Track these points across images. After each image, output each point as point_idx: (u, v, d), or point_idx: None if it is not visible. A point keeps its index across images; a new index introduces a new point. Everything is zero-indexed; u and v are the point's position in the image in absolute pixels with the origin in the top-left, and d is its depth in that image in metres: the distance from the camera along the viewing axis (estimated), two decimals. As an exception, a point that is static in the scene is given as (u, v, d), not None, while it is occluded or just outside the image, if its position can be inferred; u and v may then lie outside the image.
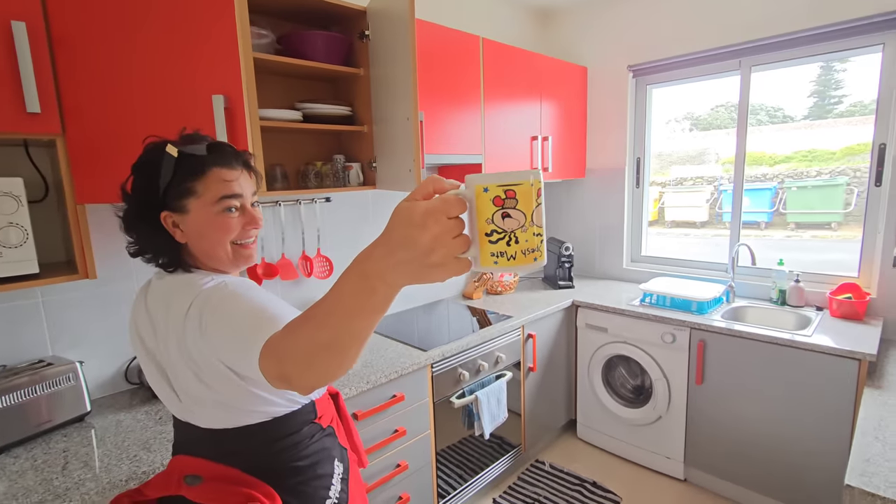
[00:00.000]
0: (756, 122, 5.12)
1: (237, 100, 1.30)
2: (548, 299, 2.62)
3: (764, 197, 5.72)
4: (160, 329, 0.85)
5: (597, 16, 2.92)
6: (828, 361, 1.86)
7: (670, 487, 2.32)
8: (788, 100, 3.49)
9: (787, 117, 4.33)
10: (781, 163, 5.88)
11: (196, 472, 0.86)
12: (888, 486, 1.15)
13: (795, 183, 5.40)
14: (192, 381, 0.84)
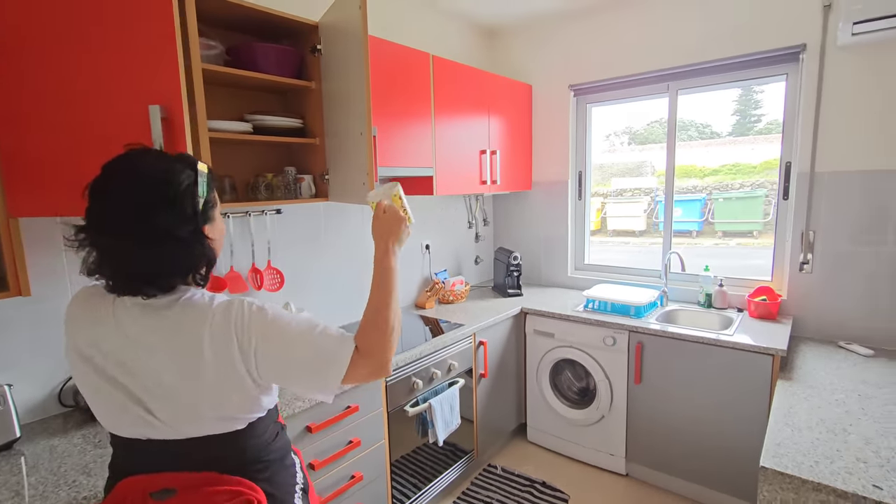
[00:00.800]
0: (687, 137, 5.52)
1: (176, 110, 1.25)
2: (498, 307, 2.71)
3: (695, 207, 6.16)
4: (159, 355, 0.85)
5: (541, 38, 3.09)
6: (747, 357, 2.06)
7: (614, 483, 2.46)
8: (715, 118, 3.82)
9: (714, 133, 4.72)
10: (710, 175, 6.38)
11: (165, 486, 0.85)
12: (795, 465, 1.30)
13: (722, 194, 5.87)
14: (211, 398, 0.86)
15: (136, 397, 0.85)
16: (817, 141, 2.25)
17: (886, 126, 2.09)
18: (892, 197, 2.10)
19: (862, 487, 1.20)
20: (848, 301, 2.24)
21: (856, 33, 2.00)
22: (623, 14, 2.74)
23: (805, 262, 2.34)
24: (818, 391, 1.74)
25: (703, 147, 6.29)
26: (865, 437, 1.43)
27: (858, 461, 1.31)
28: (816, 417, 1.55)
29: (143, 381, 0.85)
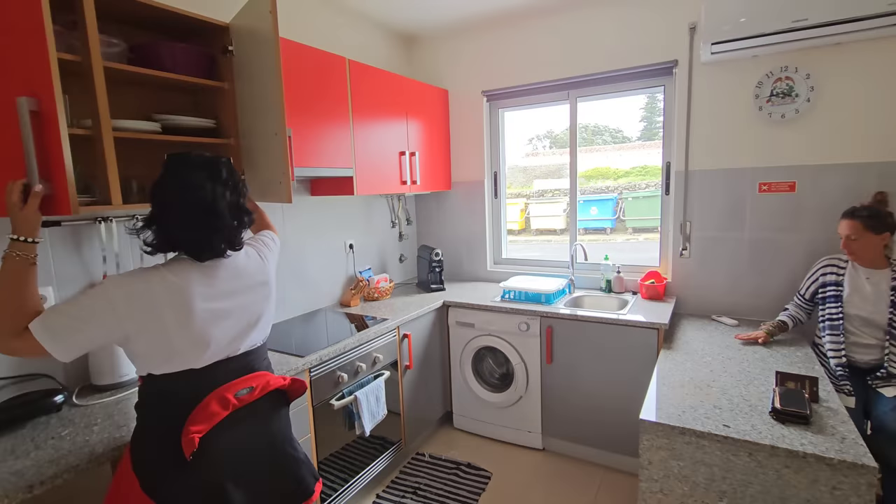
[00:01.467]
0: (602, 141, 5.98)
1: (48, 104, 1.18)
2: (421, 302, 2.83)
3: (608, 206, 6.70)
4: (253, 288, 1.31)
5: (457, 46, 3.26)
6: (638, 332, 2.34)
7: (532, 457, 2.67)
8: (626, 123, 4.20)
9: (625, 138, 5.17)
10: (623, 177, 6.96)
11: (247, 385, 1.23)
12: (667, 416, 1.54)
13: (631, 194, 6.43)
14: (270, 315, 1.39)
15: (247, 323, 1.27)
16: (689, 143, 2.61)
17: (736, 131, 2.48)
18: (744, 191, 2.50)
19: (715, 427, 1.45)
20: (717, 280, 2.62)
21: (714, 52, 2.36)
22: (528, 27, 2.98)
23: (684, 248, 2.70)
24: (691, 356, 2.04)
25: (616, 151, 6.84)
26: (723, 390, 1.71)
27: (715, 408, 1.58)
28: (688, 377, 1.83)
29: (249, 308, 1.27)
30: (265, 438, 1.27)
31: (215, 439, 1.13)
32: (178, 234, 1.16)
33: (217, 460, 1.15)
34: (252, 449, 1.23)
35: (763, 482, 1.38)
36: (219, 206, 1.16)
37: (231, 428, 1.17)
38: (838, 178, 2.29)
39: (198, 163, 1.19)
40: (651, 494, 1.55)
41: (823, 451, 1.31)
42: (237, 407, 1.18)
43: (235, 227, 1.22)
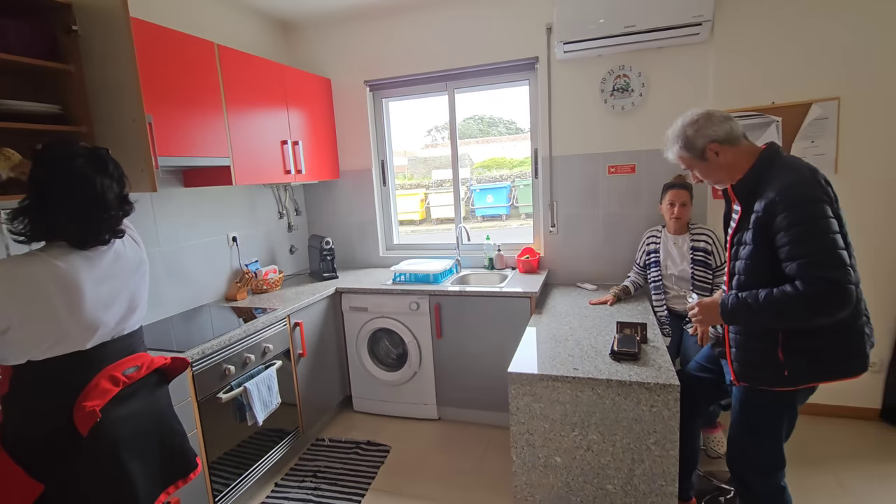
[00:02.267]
0: (497, 132, 6.28)
1: None
2: (313, 290, 2.84)
3: (503, 194, 7.09)
4: (135, 274, 1.39)
5: (338, 35, 3.27)
6: (515, 302, 2.60)
7: (428, 427, 2.84)
8: (518, 114, 4.48)
9: (518, 129, 5.50)
10: (518, 166, 7.39)
11: (133, 364, 1.33)
12: (529, 366, 1.78)
13: (523, 182, 6.87)
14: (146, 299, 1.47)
15: (129, 305, 1.34)
16: (552, 132, 2.92)
17: (588, 120, 2.84)
18: (597, 173, 2.88)
19: (567, 371, 1.71)
20: (580, 252, 2.99)
21: (566, 51, 2.67)
22: (407, 19, 3.09)
23: (553, 225, 3.03)
24: (556, 317, 2.34)
25: (511, 141, 7.25)
26: (577, 341, 2.00)
27: (569, 356, 1.85)
28: (550, 334, 2.11)
29: (132, 291, 1.35)
30: (153, 413, 1.37)
31: (110, 414, 1.20)
32: (63, 224, 1.19)
33: (113, 434, 1.21)
34: (143, 423, 1.32)
35: (602, 410, 1.66)
36: (107, 198, 1.24)
37: (123, 403, 1.25)
38: (664, 160, 2.72)
39: (82, 154, 1.22)
40: (520, 436, 1.78)
41: (644, 379, 1.62)
42: (127, 384, 1.27)
43: (120, 216, 1.30)
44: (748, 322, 1.39)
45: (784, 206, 1.27)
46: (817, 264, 1.22)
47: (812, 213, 1.25)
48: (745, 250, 1.40)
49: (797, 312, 1.26)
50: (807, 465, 2.25)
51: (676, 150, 1.58)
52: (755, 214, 1.35)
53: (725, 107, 2.56)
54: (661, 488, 1.66)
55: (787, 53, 2.44)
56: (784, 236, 1.27)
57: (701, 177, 1.57)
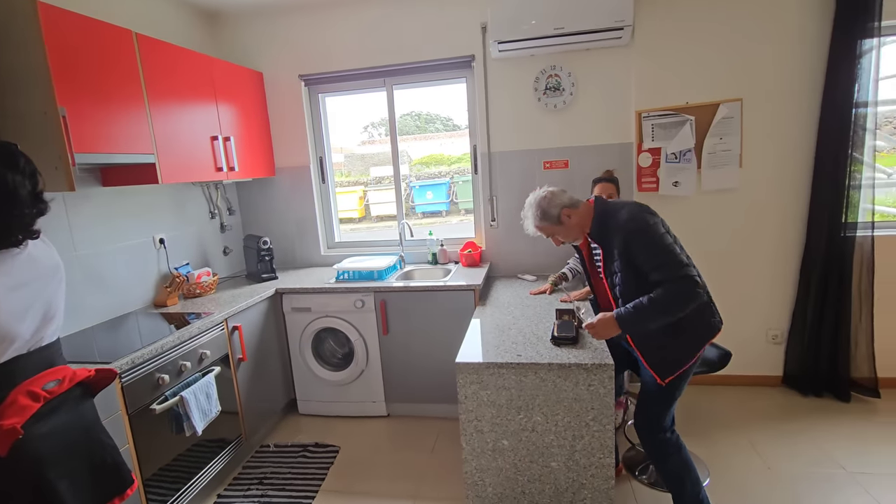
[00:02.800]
0: (433, 129, 6.29)
1: None
2: (251, 293, 2.74)
3: (443, 190, 7.16)
4: (52, 280, 1.30)
5: (270, 27, 3.14)
6: (460, 295, 2.66)
7: (377, 424, 2.84)
8: (455, 112, 4.50)
9: (455, 126, 5.54)
10: (456, 162, 7.48)
11: (54, 378, 1.25)
12: (476, 356, 1.83)
13: (462, 178, 6.97)
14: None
15: (45, 314, 1.25)
16: (489, 128, 3.01)
17: (524, 118, 2.95)
18: (533, 168, 3.00)
19: (511, 358, 1.79)
20: (520, 245, 3.10)
21: (501, 50, 2.76)
22: (343, 13, 3.04)
23: (493, 219, 3.12)
24: (499, 308, 2.42)
25: (449, 138, 7.32)
26: (520, 330, 2.09)
27: (513, 344, 1.93)
28: (494, 324, 2.18)
29: (48, 298, 1.26)
30: (79, 428, 1.29)
31: (31, 431, 1.14)
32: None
33: (36, 453, 1.15)
34: (68, 439, 1.25)
35: (545, 392, 1.76)
36: (19, 195, 1.16)
37: (45, 420, 1.18)
38: (594, 156, 2.91)
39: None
40: (469, 423, 1.84)
41: (582, 360, 1.73)
42: (48, 399, 1.19)
43: (35, 214, 1.22)
44: (641, 324, 1.66)
45: (633, 237, 1.65)
46: (672, 267, 1.60)
47: (652, 235, 1.65)
48: (618, 278, 1.75)
49: (675, 305, 1.59)
50: (722, 430, 2.50)
51: (536, 222, 1.88)
52: (617, 251, 1.70)
53: (646, 106, 2.77)
54: (600, 460, 1.78)
55: (697, 58, 2.68)
56: (642, 257, 1.64)
57: (563, 239, 1.90)
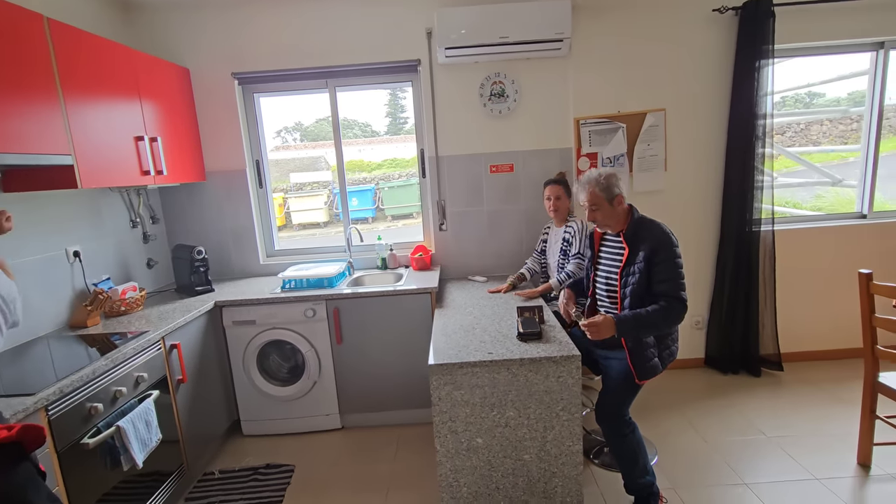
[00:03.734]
0: (352, 135, 6.18)
1: None
2: (186, 307, 2.50)
3: (367, 196, 7.03)
4: None
5: (197, 20, 2.92)
6: (415, 298, 2.64)
7: (332, 438, 2.72)
8: (374, 118, 4.44)
9: (374, 132, 5.46)
10: (376, 169, 7.36)
11: None
12: (447, 357, 1.83)
13: (387, 184, 6.91)
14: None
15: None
16: (437, 132, 3.03)
17: (470, 122, 3.01)
18: (481, 172, 3.07)
19: (483, 356, 1.81)
20: (470, 247, 3.16)
21: (447, 56, 2.80)
22: (281, 10, 2.90)
23: (442, 223, 3.14)
24: (458, 310, 2.44)
25: (367, 144, 7.19)
26: (484, 329, 2.12)
27: (481, 343, 1.95)
28: (458, 325, 2.19)
29: None
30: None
31: None
32: None
33: None
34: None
35: (517, 387, 1.80)
36: None
37: None
38: (538, 160, 3.05)
39: None
40: (443, 425, 1.82)
41: (551, 354, 1.79)
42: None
43: None
44: (636, 332, 1.84)
45: (663, 248, 1.87)
46: (678, 286, 1.84)
47: (677, 253, 1.88)
48: (633, 279, 1.91)
49: (669, 322, 1.84)
50: (663, 411, 2.72)
51: (592, 189, 1.96)
52: (643, 254, 1.88)
53: (583, 113, 2.96)
54: (570, 448, 1.86)
55: (627, 71, 2.92)
56: (662, 266, 1.85)
57: (602, 218, 1.99)
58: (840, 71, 3.31)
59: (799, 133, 4.22)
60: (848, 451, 2.26)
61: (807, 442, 2.38)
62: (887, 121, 3.15)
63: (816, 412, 2.63)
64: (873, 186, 3.16)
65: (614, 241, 2.06)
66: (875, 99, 3.06)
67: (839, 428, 2.46)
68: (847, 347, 3.18)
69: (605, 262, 2.09)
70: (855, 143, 3.49)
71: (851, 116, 3.71)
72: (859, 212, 3.22)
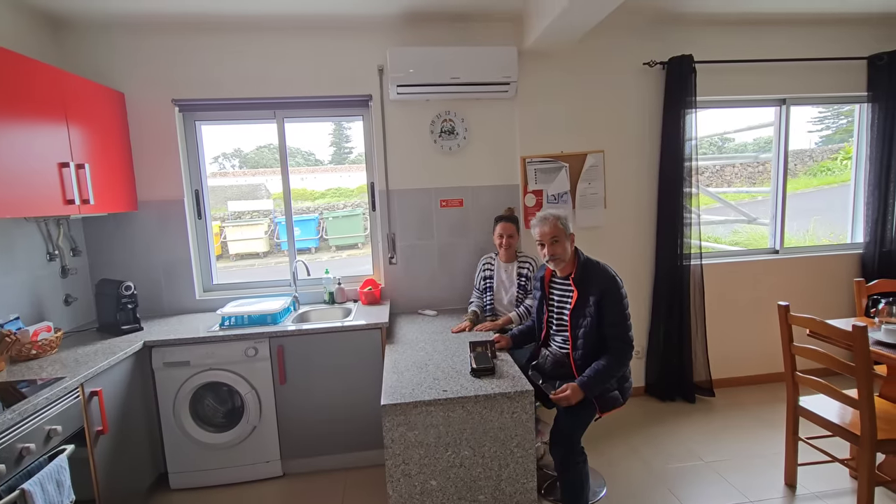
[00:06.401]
0: (295, 163, 6.07)
1: None
2: (111, 348, 2.28)
3: (311, 226, 6.87)
4: None
5: (131, 41, 2.78)
6: (364, 335, 2.57)
7: (273, 487, 2.53)
8: (318, 148, 4.39)
9: (318, 161, 5.39)
10: (320, 198, 7.22)
11: None
12: (401, 396, 1.78)
13: (331, 214, 6.80)
14: None
15: None
16: (388, 166, 3.04)
17: (421, 158, 3.06)
18: (431, 206, 3.10)
19: (437, 394, 1.78)
20: (420, 281, 3.14)
21: (399, 93, 2.85)
22: (228, 39, 2.83)
23: (392, 256, 3.12)
24: (410, 345, 2.40)
25: (311, 173, 7.07)
26: (437, 365, 2.09)
27: (435, 380, 1.92)
28: (410, 362, 2.15)
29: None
30: None
31: None
32: None
33: None
34: None
35: (472, 425, 1.78)
36: None
37: None
38: (488, 196, 3.13)
39: None
40: (396, 468, 1.75)
41: (505, 389, 1.80)
42: None
43: None
44: (601, 385, 1.98)
45: (613, 292, 2.00)
46: (627, 329, 2.00)
47: (622, 298, 2.01)
48: (585, 322, 2.03)
49: (623, 365, 2.01)
50: (607, 440, 2.79)
51: (555, 222, 2.09)
52: (593, 299, 2.00)
53: (529, 152, 3.09)
54: (524, 485, 1.84)
55: (569, 114, 3.10)
56: (611, 310, 1.99)
57: (561, 252, 2.09)
58: (749, 121, 3.72)
59: (715, 174, 4.66)
60: (776, 472, 2.41)
61: (739, 465, 2.51)
62: (791, 166, 3.55)
63: (746, 435, 2.80)
64: (783, 225, 3.51)
65: (563, 283, 2.15)
66: (781, 147, 3.45)
67: (767, 449, 2.63)
68: (771, 372, 3.45)
69: (557, 303, 2.18)
70: (762, 184, 3.90)
71: (759, 160, 4.17)
72: (772, 247, 3.56)
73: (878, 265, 3.41)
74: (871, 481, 1.89)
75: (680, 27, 3.12)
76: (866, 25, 3.31)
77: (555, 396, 1.94)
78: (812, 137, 3.99)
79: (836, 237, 3.74)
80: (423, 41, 2.93)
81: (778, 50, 3.22)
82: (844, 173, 3.72)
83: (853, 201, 3.63)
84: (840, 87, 3.35)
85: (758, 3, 2.95)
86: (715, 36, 3.16)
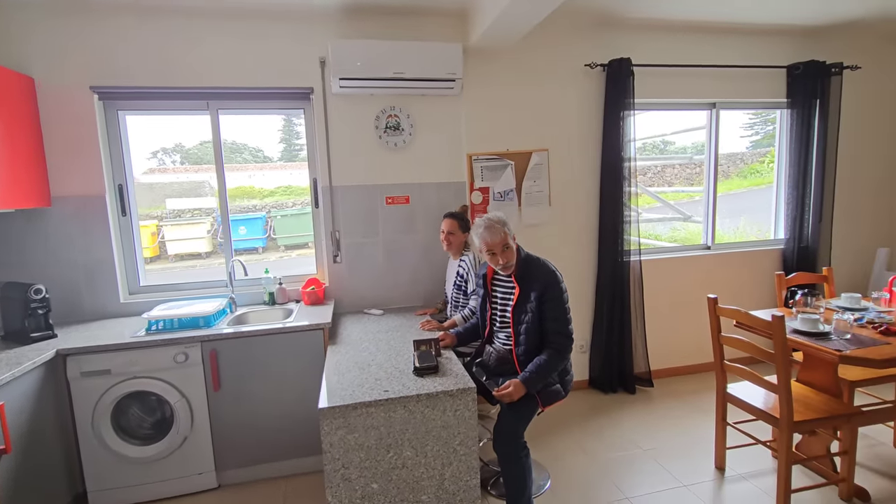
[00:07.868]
0: (242, 160, 5.80)
1: None
2: (16, 358, 2.06)
3: (258, 225, 6.57)
4: None
5: (46, 23, 2.53)
6: (307, 335, 2.47)
7: (206, 500, 2.38)
8: (267, 143, 4.20)
9: (266, 158, 5.16)
10: (268, 196, 6.93)
11: None
12: (340, 398, 1.71)
13: (280, 212, 6.53)
14: None
15: None
16: (331, 162, 2.95)
17: (366, 154, 2.99)
18: (376, 203, 3.03)
19: (378, 395, 1.72)
20: (365, 279, 3.07)
21: (342, 86, 2.76)
22: (156, 24, 2.64)
23: (336, 255, 3.02)
24: (353, 346, 2.33)
25: (259, 170, 6.76)
26: (380, 365, 2.04)
27: (376, 380, 1.87)
28: (352, 362, 2.08)
29: None
30: None
31: None
32: None
33: None
34: None
35: (414, 425, 1.74)
36: None
37: None
38: (434, 193, 3.10)
39: None
40: (335, 473, 1.69)
41: (447, 387, 1.77)
42: None
43: None
44: (543, 381, 1.99)
45: (553, 288, 2.01)
46: (567, 324, 2.03)
47: (562, 293, 2.03)
48: (526, 318, 2.04)
49: (563, 359, 2.03)
50: (551, 434, 2.84)
51: (504, 230, 2.06)
52: (534, 294, 2.02)
53: (475, 150, 3.09)
54: (467, 483, 1.83)
55: (514, 113, 3.13)
56: (552, 305, 2.01)
57: (511, 257, 2.08)
58: (685, 125, 3.91)
59: (657, 175, 4.87)
60: (707, 457, 2.54)
61: (674, 451, 2.63)
62: (721, 167, 3.76)
63: (681, 423, 2.93)
64: (714, 222, 3.72)
65: (505, 280, 2.16)
66: (712, 149, 3.65)
67: (700, 435, 2.76)
68: (705, 362, 3.64)
69: (499, 300, 2.18)
70: (699, 185, 4.12)
71: (696, 162, 4.40)
72: (705, 244, 3.76)
73: (796, 259, 3.69)
74: (789, 460, 2.02)
75: (619, 31, 3.23)
76: (786, 36, 3.56)
77: (498, 393, 1.93)
78: (744, 142, 4.26)
79: (762, 234, 4.01)
80: (367, 34, 2.86)
81: (709, 56, 3.40)
82: (770, 175, 3.99)
83: (776, 201, 3.90)
84: (764, 93, 3.58)
85: (691, 12, 3.10)
86: (651, 41, 3.29)
